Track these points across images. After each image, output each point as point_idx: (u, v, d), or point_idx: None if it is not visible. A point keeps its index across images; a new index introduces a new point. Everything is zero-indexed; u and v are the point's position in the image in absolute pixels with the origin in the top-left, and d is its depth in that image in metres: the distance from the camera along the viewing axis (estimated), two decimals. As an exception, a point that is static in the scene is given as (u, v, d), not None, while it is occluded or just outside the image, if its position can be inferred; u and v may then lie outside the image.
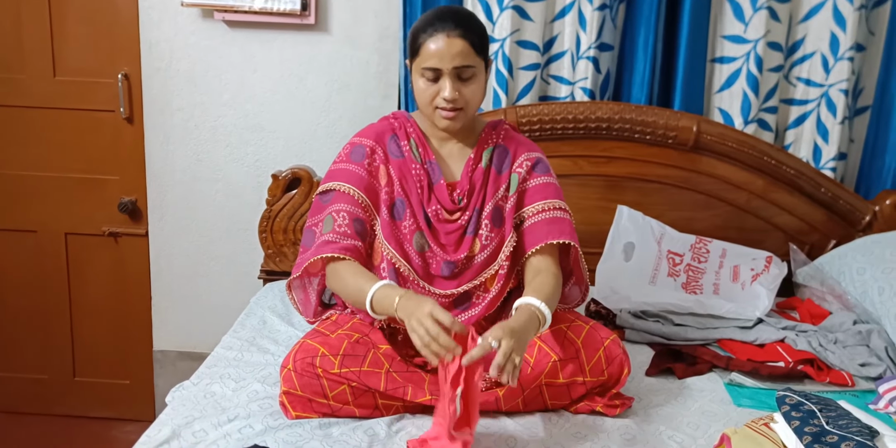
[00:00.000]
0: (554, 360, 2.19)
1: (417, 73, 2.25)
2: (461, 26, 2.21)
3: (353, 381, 2.12)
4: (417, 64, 2.24)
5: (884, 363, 2.53)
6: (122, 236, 3.65)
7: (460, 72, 2.21)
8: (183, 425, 2.06)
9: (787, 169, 3.15)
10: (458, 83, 2.22)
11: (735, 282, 3.01)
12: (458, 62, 2.19)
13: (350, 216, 2.25)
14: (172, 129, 3.44)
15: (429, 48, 2.20)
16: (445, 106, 2.23)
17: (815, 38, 3.20)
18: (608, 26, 3.16)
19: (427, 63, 2.20)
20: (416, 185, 2.31)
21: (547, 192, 2.36)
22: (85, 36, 3.44)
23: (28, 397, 3.86)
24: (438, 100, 2.23)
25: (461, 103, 2.23)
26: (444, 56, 2.18)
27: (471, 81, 2.23)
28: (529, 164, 2.37)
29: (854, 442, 1.75)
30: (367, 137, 2.37)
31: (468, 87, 2.23)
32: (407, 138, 2.36)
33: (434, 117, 2.28)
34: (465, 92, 2.23)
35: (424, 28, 2.23)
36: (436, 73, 2.21)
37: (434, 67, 2.20)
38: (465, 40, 2.20)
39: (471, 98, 2.25)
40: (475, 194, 2.33)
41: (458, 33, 2.19)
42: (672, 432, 2.13)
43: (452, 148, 2.39)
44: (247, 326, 2.72)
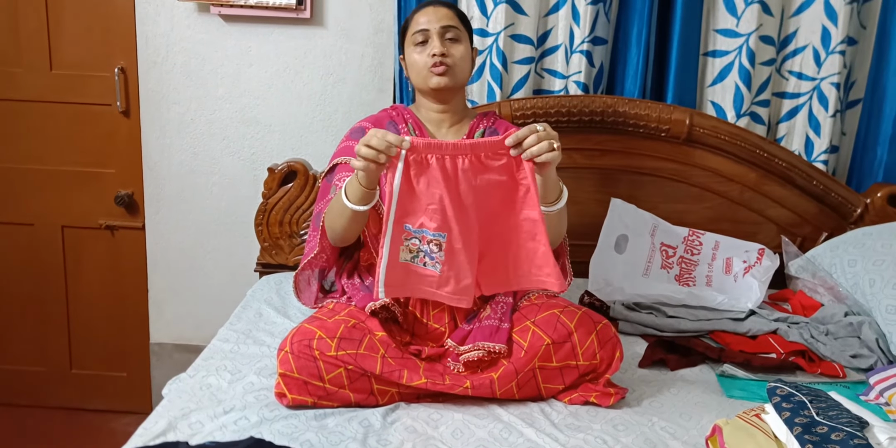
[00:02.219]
0: (547, 344, 2.21)
1: (410, 47, 2.48)
2: (446, 3, 2.53)
3: (350, 363, 2.14)
4: (409, 39, 2.49)
5: (874, 354, 2.55)
6: (118, 229, 3.66)
7: (446, 31, 2.44)
8: (179, 417, 2.07)
9: (779, 162, 3.17)
10: (445, 43, 2.43)
11: (728, 274, 3.03)
12: (444, 22, 2.44)
13: None
14: (169, 123, 3.45)
15: (417, 20, 2.47)
16: (436, 62, 2.41)
17: (807, 32, 3.21)
18: (601, 20, 3.17)
19: (415, 28, 2.45)
20: None
21: None
22: (81, 30, 3.45)
23: (25, 389, 3.87)
24: (428, 59, 2.43)
25: (450, 61, 2.43)
26: (431, 19, 2.44)
27: (457, 44, 2.46)
28: None
29: (844, 432, 1.76)
30: (367, 121, 2.56)
31: (455, 47, 2.45)
32: (405, 122, 2.52)
33: (427, 80, 2.46)
34: (453, 51, 2.44)
35: (414, 10, 2.53)
36: (425, 34, 2.44)
37: (423, 28, 2.44)
38: (451, 9, 2.49)
39: (459, 59, 2.45)
40: None
41: (444, 4, 2.50)
42: (664, 423, 2.15)
43: (446, 134, 2.55)
44: (243, 319, 2.73)
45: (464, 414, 2.14)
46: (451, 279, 2.16)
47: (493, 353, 2.22)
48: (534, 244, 2.16)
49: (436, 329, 2.35)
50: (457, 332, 2.32)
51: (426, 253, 2.14)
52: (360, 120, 2.61)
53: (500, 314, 2.31)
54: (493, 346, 2.21)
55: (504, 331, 2.26)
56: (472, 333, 2.28)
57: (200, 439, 1.96)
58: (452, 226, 2.11)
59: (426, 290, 2.18)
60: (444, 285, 2.17)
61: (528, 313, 2.31)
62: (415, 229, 2.12)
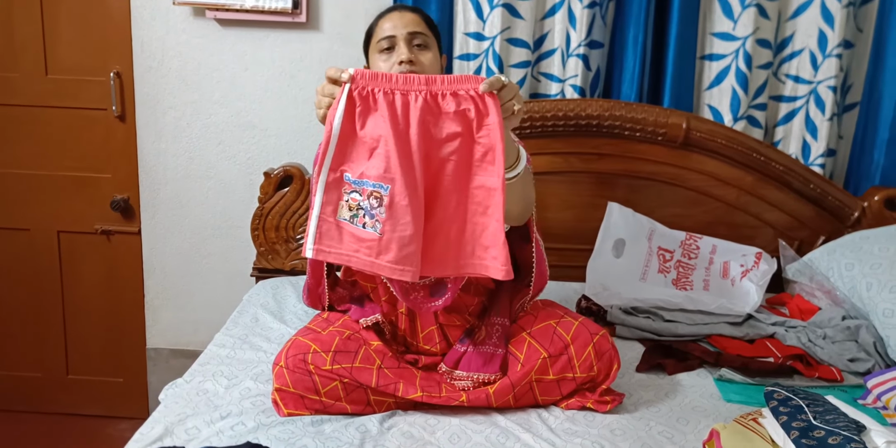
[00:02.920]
0: (544, 357, 2.20)
1: (375, 54, 2.30)
2: (412, 8, 2.37)
3: (345, 377, 2.13)
4: (374, 46, 2.31)
5: (872, 358, 2.55)
6: (114, 234, 3.65)
7: (413, 37, 2.26)
8: (176, 423, 2.07)
9: (776, 165, 3.17)
10: (413, 49, 2.25)
11: (725, 278, 3.02)
12: (411, 28, 2.26)
13: None
14: (164, 128, 3.45)
15: (382, 26, 2.29)
16: (403, 70, 2.20)
17: (804, 35, 3.21)
18: (598, 24, 3.17)
19: (381, 34, 2.28)
20: None
21: None
22: (77, 34, 3.44)
23: (21, 395, 3.87)
24: (395, 68, 2.22)
25: (418, 68, 2.22)
26: (398, 25, 2.26)
27: (425, 51, 2.27)
28: None
29: (841, 436, 1.76)
30: None
31: (423, 54, 2.26)
32: None
33: None
34: (422, 58, 2.25)
35: (379, 15, 2.36)
36: (391, 41, 2.26)
37: (388, 35, 2.25)
38: (417, 14, 2.32)
39: (427, 66, 2.25)
40: None
41: (410, 9, 2.34)
42: (662, 428, 2.15)
43: None
44: (239, 324, 2.73)
45: (461, 419, 2.14)
46: (393, 244, 1.88)
47: (487, 383, 2.21)
48: (484, 219, 1.94)
49: (427, 349, 2.33)
50: (450, 355, 2.28)
51: (366, 211, 1.88)
52: None
53: (495, 339, 2.26)
54: (486, 377, 2.20)
55: (499, 357, 2.23)
56: (466, 357, 2.25)
57: (197, 445, 1.97)
58: (397, 176, 1.85)
59: (363, 260, 1.91)
60: (385, 252, 1.89)
61: (525, 324, 2.30)
62: (355, 179, 1.88)
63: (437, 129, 1.88)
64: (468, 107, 1.87)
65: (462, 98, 1.87)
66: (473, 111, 1.87)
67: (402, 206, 1.86)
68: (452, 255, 1.98)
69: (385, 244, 1.88)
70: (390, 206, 1.86)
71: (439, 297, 2.22)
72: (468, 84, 1.86)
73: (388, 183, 1.85)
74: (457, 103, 1.87)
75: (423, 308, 2.20)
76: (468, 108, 1.87)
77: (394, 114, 1.85)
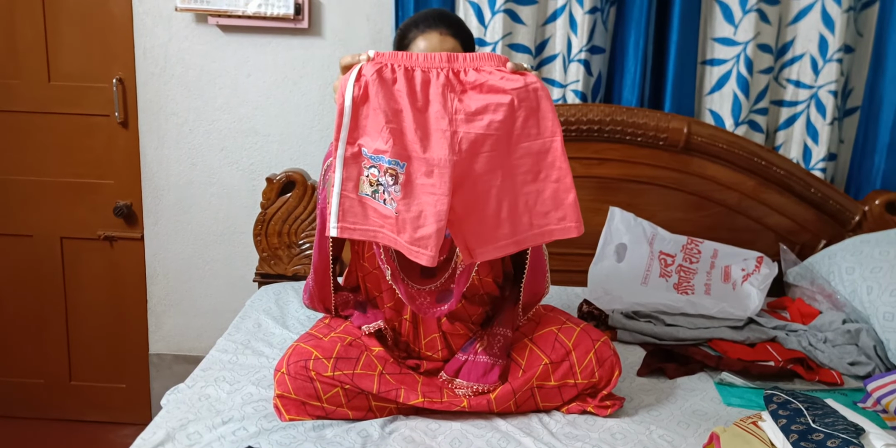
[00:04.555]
0: (545, 363, 2.20)
1: None
2: (453, 27, 2.19)
3: (347, 383, 2.13)
4: None
5: (872, 362, 2.55)
6: (117, 240, 3.66)
7: None
8: (177, 428, 2.07)
9: (777, 170, 3.17)
10: None
11: (726, 282, 3.03)
12: None
13: None
14: (167, 134, 3.46)
15: (419, 45, 2.16)
16: None
17: (805, 40, 3.22)
18: (599, 29, 3.17)
19: None
20: None
21: None
22: (79, 41, 3.45)
23: (24, 401, 3.87)
24: None
25: None
26: (437, 51, 2.08)
27: None
28: None
29: (840, 439, 1.76)
30: None
31: None
32: None
33: None
34: None
35: (416, 24, 2.19)
36: None
37: None
38: (457, 40, 2.18)
39: None
40: None
41: (451, 32, 2.17)
42: (662, 431, 2.15)
43: None
44: (241, 329, 2.73)
45: (462, 424, 2.14)
46: (408, 224, 1.81)
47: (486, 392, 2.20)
48: (536, 186, 1.87)
49: (429, 356, 2.32)
50: (451, 364, 2.26)
51: (384, 186, 1.81)
52: None
53: (496, 349, 2.24)
54: (485, 387, 2.18)
55: (499, 367, 2.21)
56: (466, 367, 2.23)
57: (198, 449, 1.97)
58: (414, 154, 1.79)
59: (388, 236, 1.86)
60: (402, 231, 1.83)
61: (527, 330, 2.29)
62: (371, 154, 1.81)
63: (462, 104, 1.80)
64: (494, 81, 1.80)
65: (487, 73, 1.81)
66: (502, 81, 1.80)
67: (418, 184, 1.79)
68: (507, 232, 1.89)
69: (402, 223, 1.81)
70: (406, 185, 1.79)
71: (444, 303, 2.20)
72: (491, 62, 1.82)
73: (404, 160, 1.78)
74: (482, 78, 1.80)
75: (428, 313, 2.19)
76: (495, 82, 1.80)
77: (412, 90, 1.79)
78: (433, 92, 1.79)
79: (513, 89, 1.79)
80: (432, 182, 1.77)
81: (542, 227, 1.90)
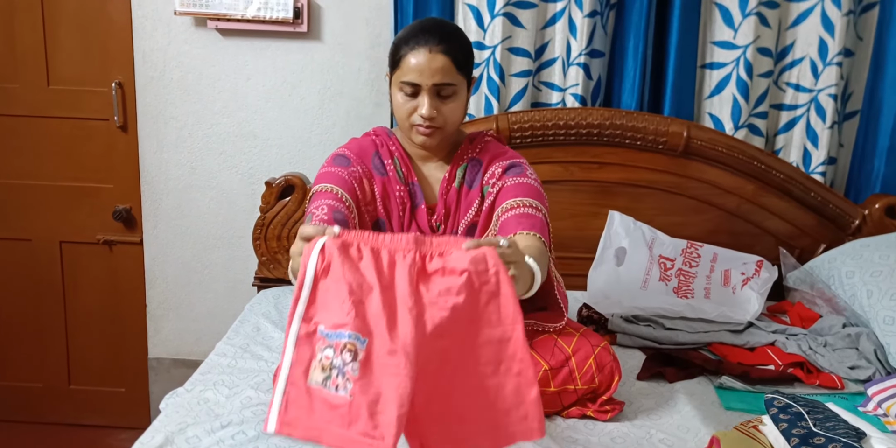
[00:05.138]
0: (545, 370, 2.19)
1: (396, 87, 2.17)
2: (445, 42, 2.13)
3: (346, 390, 2.11)
4: (397, 77, 2.16)
5: (873, 366, 2.55)
6: (116, 244, 3.66)
7: (440, 89, 2.13)
8: (176, 432, 2.06)
9: (776, 173, 3.17)
10: (436, 100, 2.14)
11: (726, 286, 3.02)
12: (437, 79, 2.11)
13: (330, 208, 2.09)
14: (166, 138, 3.46)
15: (409, 62, 2.12)
16: (422, 123, 2.15)
17: (804, 44, 3.22)
18: (598, 33, 3.17)
19: (406, 77, 2.12)
20: (398, 208, 2.27)
21: (518, 190, 2.19)
22: (78, 45, 3.45)
23: (23, 406, 3.87)
24: (415, 116, 2.15)
25: (439, 122, 2.16)
26: (425, 71, 2.10)
27: (451, 99, 2.16)
28: (500, 170, 2.26)
29: (841, 443, 1.76)
30: (351, 150, 2.29)
31: (447, 105, 2.16)
32: (391, 157, 2.30)
33: (410, 133, 2.20)
34: (444, 110, 2.15)
35: (407, 40, 2.14)
36: (414, 88, 2.13)
37: (413, 82, 2.12)
38: (448, 56, 2.12)
39: (449, 116, 2.17)
40: (451, 218, 2.29)
41: (441, 49, 2.11)
42: (662, 435, 2.14)
43: (433, 166, 2.33)
44: (240, 333, 2.73)
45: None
46: (363, 409, 1.51)
47: None
48: (497, 380, 1.64)
49: None
50: None
51: (339, 369, 1.54)
52: (343, 145, 2.35)
53: None
54: None
55: None
56: None
57: (196, 454, 1.96)
58: (376, 329, 1.55)
59: (334, 432, 1.53)
60: (355, 420, 1.51)
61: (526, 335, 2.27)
62: (328, 331, 1.56)
63: (427, 287, 1.59)
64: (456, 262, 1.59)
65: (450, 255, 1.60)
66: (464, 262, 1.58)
67: (379, 364, 1.53)
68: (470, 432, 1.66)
69: (356, 409, 1.51)
70: (365, 363, 1.53)
71: None
72: (458, 245, 1.60)
73: (365, 335, 1.54)
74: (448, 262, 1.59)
75: None
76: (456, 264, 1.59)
77: (379, 267, 1.58)
78: (399, 273, 1.58)
79: (475, 271, 1.59)
80: (395, 362, 1.52)
81: (504, 427, 1.64)
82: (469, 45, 2.23)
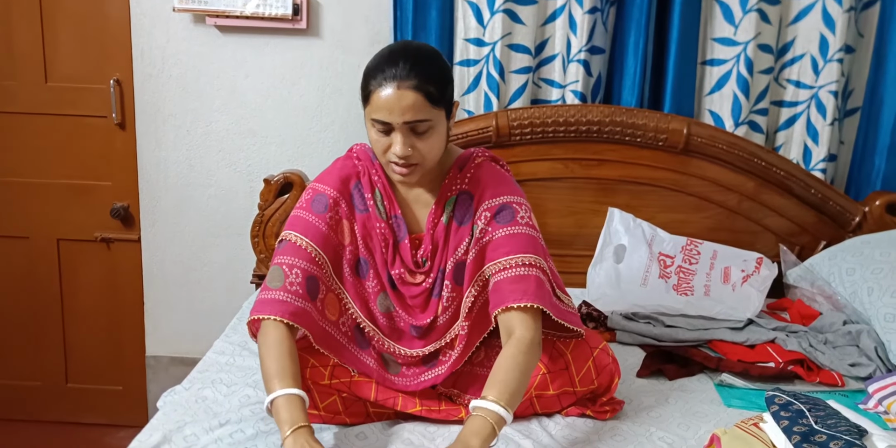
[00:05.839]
0: (543, 373, 2.17)
1: (369, 122, 2.03)
2: (414, 73, 1.96)
3: (344, 391, 2.12)
4: (368, 113, 2.02)
5: (873, 363, 2.54)
6: (114, 242, 3.65)
7: (414, 126, 1.98)
8: (174, 430, 2.06)
9: (777, 171, 3.16)
10: (411, 138, 1.99)
11: (726, 283, 3.02)
12: (409, 117, 1.95)
13: (304, 274, 2.07)
14: (164, 135, 3.45)
15: (378, 98, 1.96)
16: (398, 161, 2.01)
17: (805, 41, 3.21)
18: (599, 30, 3.16)
19: (376, 115, 1.98)
20: (380, 245, 2.17)
21: (510, 245, 2.09)
22: (77, 42, 3.45)
23: (20, 404, 3.86)
24: (390, 154, 2.01)
25: (416, 158, 2.01)
26: (394, 109, 1.95)
27: (426, 135, 2.01)
28: (489, 215, 2.12)
29: (842, 441, 1.75)
30: (331, 187, 2.18)
31: (424, 141, 2.01)
32: (371, 189, 2.18)
33: (388, 169, 2.09)
34: (421, 146, 2.01)
35: (374, 74, 2.00)
36: (386, 126, 1.98)
37: (383, 120, 1.97)
38: (419, 92, 1.95)
39: (427, 152, 2.02)
40: (438, 254, 2.17)
41: (410, 84, 1.95)
42: (662, 433, 2.14)
43: (419, 194, 2.21)
44: (239, 331, 2.72)
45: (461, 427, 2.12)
46: None
47: None
48: None
49: None
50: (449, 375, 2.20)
51: None
52: (323, 172, 2.25)
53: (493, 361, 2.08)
54: None
55: None
56: (464, 378, 2.22)
57: (194, 452, 1.96)
58: None
59: None
60: None
61: None
62: None
63: None
64: None
65: None
66: None
67: None
68: None
69: None
70: None
71: (430, 367, 2.20)
72: None
73: None
74: None
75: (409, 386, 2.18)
76: None
77: None
78: None
79: None
80: None
81: None
82: (445, 72, 2.08)
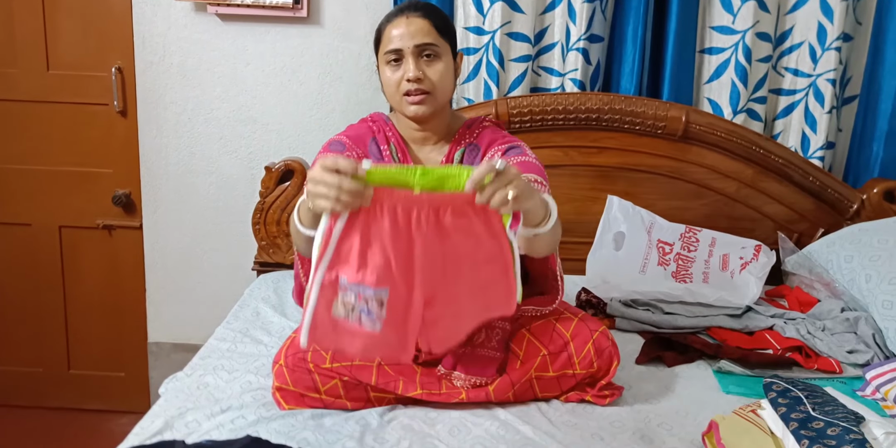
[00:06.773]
0: (543, 354, 2.19)
1: (383, 63, 2.20)
2: (421, 9, 2.19)
3: (345, 375, 2.12)
4: (381, 52, 2.20)
5: (871, 350, 2.55)
6: (116, 229, 3.66)
7: (423, 50, 2.15)
8: (176, 416, 2.07)
9: (775, 158, 3.17)
10: (420, 63, 2.16)
11: (724, 270, 3.03)
12: (418, 40, 2.14)
13: None
14: (166, 123, 3.45)
15: (390, 33, 2.16)
16: (411, 89, 2.15)
17: (803, 29, 3.21)
18: (598, 18, 3.17)
19: (388, 46, 2.16)
20: None
21: (521, 168, 2.10)
22: (78, 30, 3.44)
23: (22, 390, 3.87)
24: (403, 84, 2.15)
25: (427, 85, 2.15)
26: (405, 35, 2.14)
27: (435, 61, 2.17)
28: (500, 153, 2.24)
29: (840, 427, 1.76)
30: (348, 137, 2.29)
31: (432, 67, 2.16)
32: (387, 142, 2.29)
33: (402, 106, 2.20)
34: (430, 72, 2.16)
35: (387, 18, 2.21)
36: (398, 54, 2.15)
37: (395, 48, 2.14)
38: (426, 19, 2.16)
39: (437, 80, 2.17)
40: None
41: (418, 14, 2.17)
42: (661, 420, 2.15)
43: (430, 152, 2.31)
44: (240, 318, 2.74)
45: (461, 412, 2.14)
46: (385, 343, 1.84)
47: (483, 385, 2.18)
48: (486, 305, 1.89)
49: None
50: (449, 356, 2.22)
51: (364, 311, 1.78)
52: (340, 132, 2.36)
53: (494, 342, 2.20)
54: (482, 380, 2.16)
55: (496, 361, 2.19)
56: (464, 359, 2.21)
57: (197, 438, 1.97)
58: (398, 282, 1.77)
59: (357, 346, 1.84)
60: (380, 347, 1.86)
61: (524, 321, 2.27)
62: (350, 283, 1.76)
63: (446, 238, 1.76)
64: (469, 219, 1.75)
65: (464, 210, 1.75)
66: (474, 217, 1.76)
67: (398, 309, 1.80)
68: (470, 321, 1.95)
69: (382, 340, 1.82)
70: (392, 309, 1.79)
71: None
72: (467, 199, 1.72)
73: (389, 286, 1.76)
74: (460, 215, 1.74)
75: None
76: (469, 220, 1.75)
77: (395, 225, 1.73)
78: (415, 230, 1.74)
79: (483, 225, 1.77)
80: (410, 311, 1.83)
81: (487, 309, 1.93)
82: (448, 18, 2.29)
